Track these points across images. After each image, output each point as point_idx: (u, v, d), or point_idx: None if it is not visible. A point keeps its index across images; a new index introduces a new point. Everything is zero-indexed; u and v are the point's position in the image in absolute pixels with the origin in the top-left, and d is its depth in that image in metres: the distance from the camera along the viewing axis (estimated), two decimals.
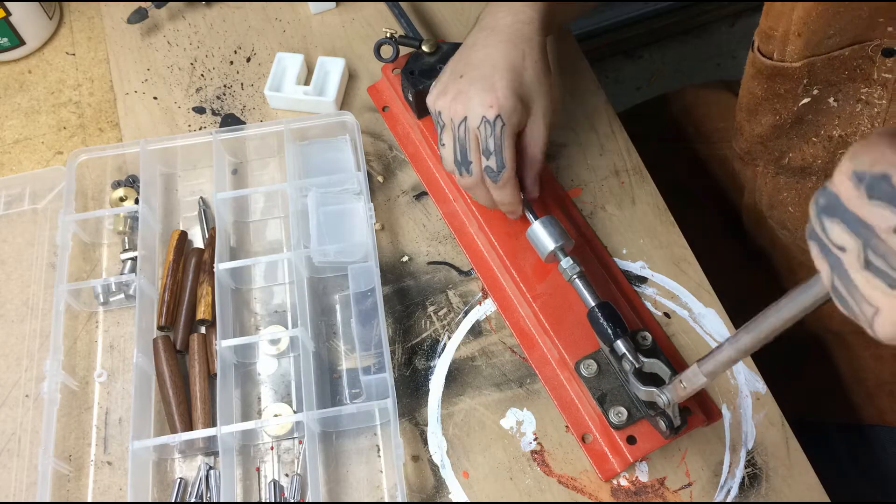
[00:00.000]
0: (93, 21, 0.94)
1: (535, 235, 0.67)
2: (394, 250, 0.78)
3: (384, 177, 0.82)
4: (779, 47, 0.66)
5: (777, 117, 0.71)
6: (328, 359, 0.73)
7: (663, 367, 0.62)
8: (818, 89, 0.67)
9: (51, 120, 0.87)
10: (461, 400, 0.70)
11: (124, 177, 0.82)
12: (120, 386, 0.72)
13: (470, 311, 0.74)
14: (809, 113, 0.69)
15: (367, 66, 0.89)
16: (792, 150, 0.73)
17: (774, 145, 0.74)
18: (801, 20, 0.62)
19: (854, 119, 0.67)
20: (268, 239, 0.80)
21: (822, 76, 0.65)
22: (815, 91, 0.67)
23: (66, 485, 0.68)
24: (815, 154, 0.71)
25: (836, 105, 0.67)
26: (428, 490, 0.66)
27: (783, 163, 0.74)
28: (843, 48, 0.63)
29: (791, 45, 0.65)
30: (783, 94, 0.69)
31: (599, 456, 0.66)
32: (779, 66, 0.67)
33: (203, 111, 0.87)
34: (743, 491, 0.66)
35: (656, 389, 0.59)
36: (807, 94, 0.67)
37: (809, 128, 0.70)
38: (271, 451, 0.69)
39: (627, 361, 0.62)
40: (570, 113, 0.85)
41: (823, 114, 0.68)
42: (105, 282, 0.74)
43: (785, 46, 0.65)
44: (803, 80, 0.66)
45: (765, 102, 0.71)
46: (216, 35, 0.92)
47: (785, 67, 0.66)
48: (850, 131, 0.67)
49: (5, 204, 0.82)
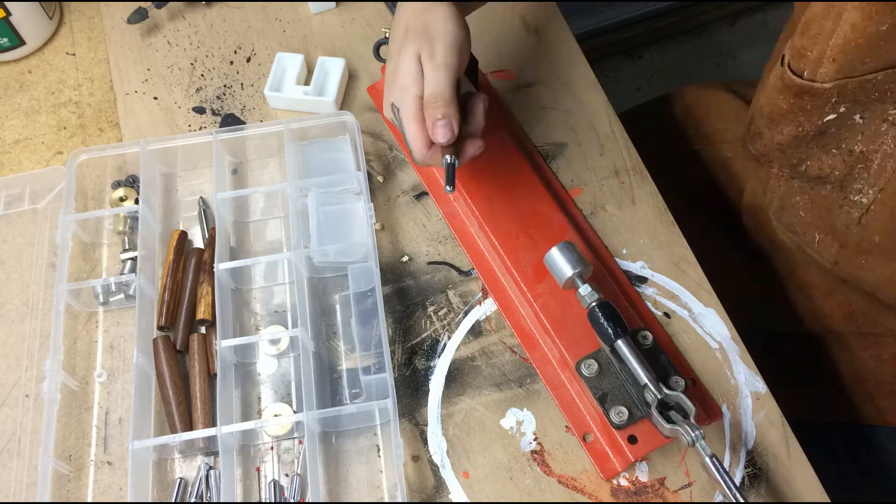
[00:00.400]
0: (93, 21, 0.94)
1: (552, 262, 0.66)
2: (394, 250, 0.78)
3: (384, 177, 0.82)
4: (811, 67, 0.65)
5: (800, 129, 0.70)
6: (328, 359, 0.73)
7: (686, 401, 0.61)
8: (845, 107, 0.66)
9: (51, 120, 0.87)
10: (461, 400, 0.70)
11: (124, 177, 0.82)
12: (120, 386, 0.72)
13: (470, 310, 0.74)
14: (833, 127, 0.68)
15: (366, 66, 0.89)
16: (810, 159, 0.72)
17: (793, 153, 0.73)
18: (839, 48, 0.61)
19: (878, 137, 0.66)
20: (268, 239, 0.80)
21: (851, 96, 0.65)
22: (841, 108, 0.66)
23: (66, 485, 0.68)
24: (832, 165, 0.70)
25: (862, 122, 0.66)
26: (428, 490, 0.66)
27: (800, 169, 0.74)
28: (876, 72, 0.62)
29: (824, 68, 0.64)
30: (809, 109, 0.68)
31: (600, 455, 0.66)
32: (808, 86, 0.66)
33: (203, 111, 0.87)
34: (743, 491, 0.66)
35: (681, 428, 0.60)
36: (833, 111, 0.66)
37: (831, 140, 0.69)
38: (271, 451, 0.69)
39: (649, 392, 0.62)
40: (570, 113, 0.85)
41: (847, 128, 0.68)
42: (105, 282, 0.74)
43: (818, 68, 0.64)
44: (832, 98, 0.66)
45: (789, 115, 0.70)
46: (216, 35, 0.92)
47: (815, 87, 0.66)
48: (872, 148, 0.67)
49: (5, 204, 0.82)
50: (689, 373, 0.70)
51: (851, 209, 0.71)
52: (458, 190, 0.77)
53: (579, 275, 0.65)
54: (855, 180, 0.69)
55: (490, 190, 0.76)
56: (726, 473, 0.59)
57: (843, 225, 0.72)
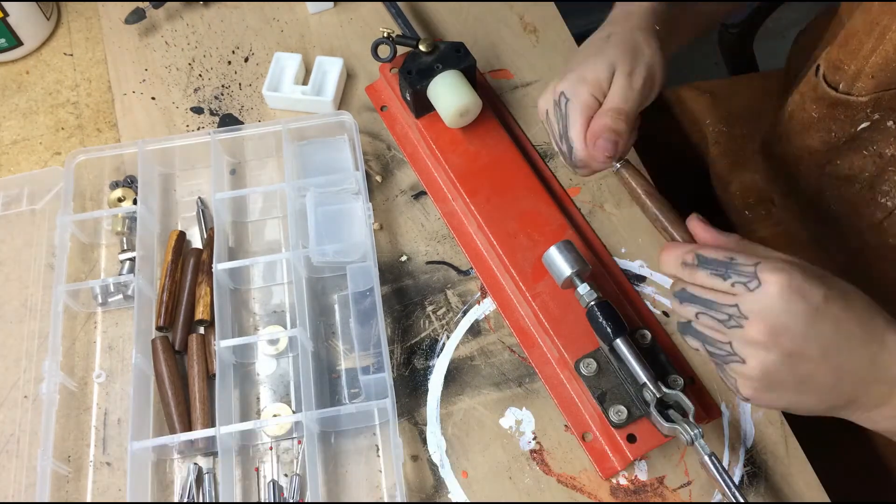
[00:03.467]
0: (90, 21, 0.94)
1: (551, 261, 0.66)
2: (392, 250, 0.78)
3: (382, 176, 0.82)
4: (847, 81, 0.64)
5: (831, 135, 0.69)
6: (327, 359, 0.73)
7: (685, 399, 0.61)
8: (879, 115, 0.65)
9: (49, 120, 0.87)
10: (460, 399, 0.70)
11: (122, 177, 0.82)
12: (119, 387, 0.72)
13: (469, 310, 0.74)
14: (865, 132, 0.67)
15: (365, 66, 0.89)
16: (840, 159, 0.71)
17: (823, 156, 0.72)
18: (879, 66, 0.60)
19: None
20: (266, 239, 0.80)
21: (887, 105, 0.64)
22: (875, 116, 0.65)
23: (65, 486, 0.68)
24: (862, 167, 0.69)
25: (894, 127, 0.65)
26: (427, 490, 0.66)
27: (827, 169, 0.73)
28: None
29: (861, 83, 0.63)
30: (842, 119, 0.67)
31: (600, 454, 0.66)
32: (844, 99, 0.65)
33: (201, 111, 0.87)
34: (742, 490, 0.66)
35: (680, 427, 0.60)
36: (867, 120, 0.65)
37: (862, 143, 0.68)
38: (270, 452, 0.69)
39: (648, 391, 0.62)
40: None
41: (880, 132, 0.67)
42: (103, 282, 0.74)
43: (855, 82, 0.63)
44: (866, 109, 0.65)
45: (819, 122, 0.69)
46: (214, 35, 0.92)
47: (851, 101, 0.64)
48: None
49: (3, 205, 0.82)
50: (688, 371, 0.70)
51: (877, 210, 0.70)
52: (456, 189, 0.77)
53: (578, 274, 0.65)
54: (884, 182, 0.68)
55: (488, 189, 0.76)
56: (725, 472, 0.59)
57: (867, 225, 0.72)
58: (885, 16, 0.58)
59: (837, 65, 0.64)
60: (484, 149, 0.78)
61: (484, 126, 0.79)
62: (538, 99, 0.66)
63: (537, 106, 0.67)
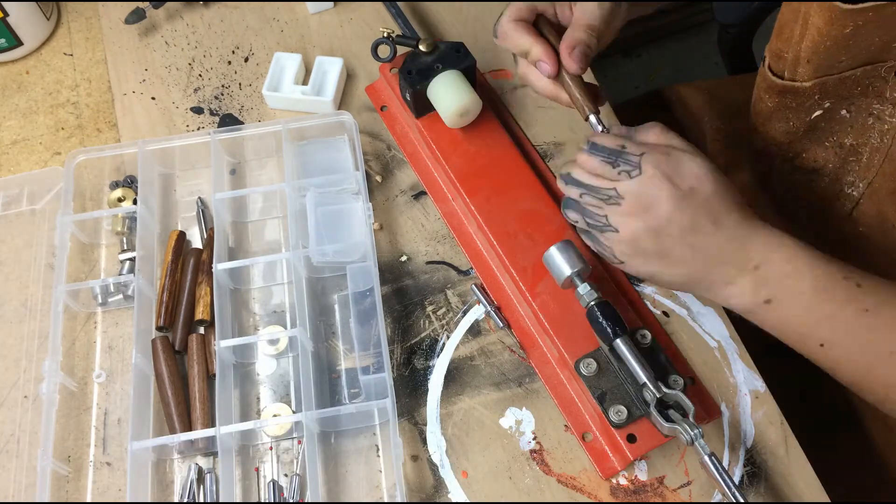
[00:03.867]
0: (90, 21, 0.94)
1: (551, 260, 0.66)
2: (392, 250, 0.78)
3: (382, 176, 0.82)
4: (789, 68, 0.66)
5: (790, 124, 0.71)
6: (327, 359, 0.73)
7: (685, 399, 0.61)
8: (830, 102, 0.67)
9: (49, 120, 0.87)
10: (460, 399, 0.70)
11: (122, 177, 0.82)
12: (119, 387, 0.72)
13: (469, 310, 0.74)
14: (822, 122, 0.69)
15: (365, 66, 0.89)
16: (805, 152, 0.73)
17: (789, 147, 0.74)
18: (811, 50, 0.62)
19: (866, 131, 0.66)
20: (266, 239, 0.80)
21: (833, 92, 0.65)
22: (826, 104, 0.67)
23: (66, 485, 0.68)
24: (826, 158, 0.71)
25: (849, 116, 0.67)
26: (427, 490, 0.66)
27: (796, 162, 0.74)
28: (854, 69, 0.62)
29: (801, 68, 0.65)
30: (795, 107, 0.69)
31: (600, 454, 0.66)
32: (789, 85, 0.67)
33: (201, 111, 0.87)
34: (742, 489, 0.66)
35: (680, 427, 0.60)
36: (819, 107, 0.67)
37: (823, 134, 0.70)
38: (270, 452, 0.69)
39: (648, 391, 0.62)
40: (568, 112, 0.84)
41: (836, 122, 0.68)
42: (103, 282, 0.74)
43: (796, 68, 0.65)
44: (815, 96, 0.66)
45: (777, 112, 0.71)
46: (214, 35, 0.92)
47: (796, 87, 0.66)
48: (861, 141, 0.67)
49: (3, 205, 0.82)
50: (688, 372, 0.70)
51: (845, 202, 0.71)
52: (456, 189, 0.77)
53: (578, 274, 0.65)
54: (848, 173, 0.70)
55: (489, 189, 0.76)
56: (725, 472, 0.59)
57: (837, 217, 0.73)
58: (803, 3, 0.61)
59: (778, 54, 0.67)
60: (484, 149, 0.78)
61: (484, 126, 0.79)
62: (502, 21, 0.68)
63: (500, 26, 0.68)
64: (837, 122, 0.68)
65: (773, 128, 0.73)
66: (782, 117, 0.71)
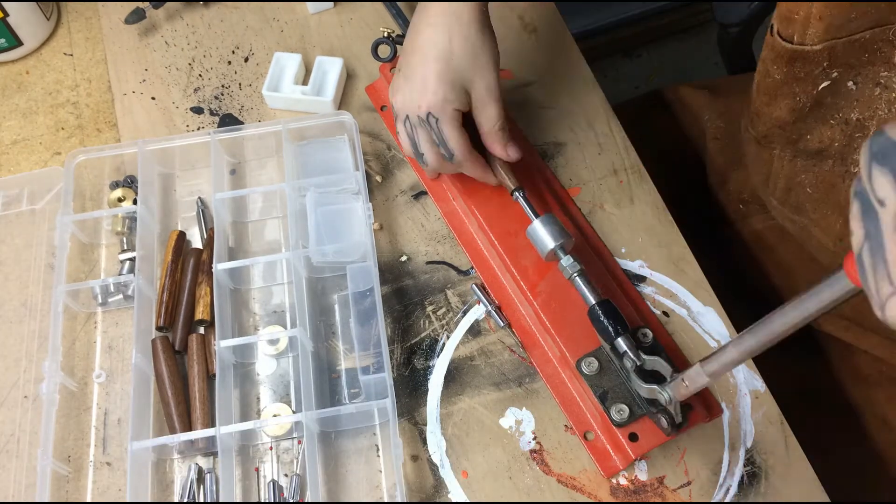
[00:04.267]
0: (90, 21, 0.94)
1: (535, 234, 0.67)
2: (392, 250, 0.78)
3: (382, 176, 0.82)
4: (799, 30, 0.65)
5: (796, 100, 0.71)
6: (327, 359, 0.73)
7: (664, 364, 0.62)
8: (837, 72, 0.66)
9: (49, 120, 0.87)
10: (460, 399, 0.70)
11: (122, 177, 0.82)
12: (119, 387, 0.72)
13: (469, 310, 0.74)
14: (828, 96, 0.69)
15: (364, 66, 0.89)
16: (810, 133, 0.72)
17: (793, 129, 0.74)
18: (823, 5, 0.62)
19: (872, 103, 0.66)
20: (266, 239, 0.80)
21: (842, 59, 0.65)
22: (834, 74, 0.66)
23: (66, 485, 0.68)
24: (832, 137, 0.70)
25: (855, 88, 0.66)
26: (427, 490, 0.66)
27: (800, 146, 0.74)
28: (864, 31, 0.62)
29: (812, 28, 0.64)
30: (803, 77, 0.68)
31: (602, 453, 0.66)
32: (799, 50, 0.66)
33: (201, 111, 0.87)
34: (742, 489, 0.66)
35: (658, 387, 0.60)
36: (826, 78, 0.67)
37: (828, 111, 0.70)
38: (270, 452, 0.69)
39: (629, 359, 0.62)
40: (569, 112, 0.85)
41: (842, 96, 0.68)
42: (103, 282, 0.74)
43: (806, 30, 0.65)
44: (823, 62, 0.66)
45: (784, 86, 0.70)
46: (214, 35, 0.92)
47: (805, 51, 0.66)
48: (867, 115, 0.67)
49: (3, 205, 0.82)
50: None
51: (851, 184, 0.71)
52: (456, 189, 0.77)
53: (561, 246, 0.66)
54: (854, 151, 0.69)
55: (489, 189, 0.76)
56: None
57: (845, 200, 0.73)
58: None
59: (787, 16, 0.66)
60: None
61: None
62: (391, 93, 0.71)
63: (397, 130, 0.72)
64: (843, 96, 0.67)
65: (779, 107, 0.72)
66: (789, 92, 0.70)
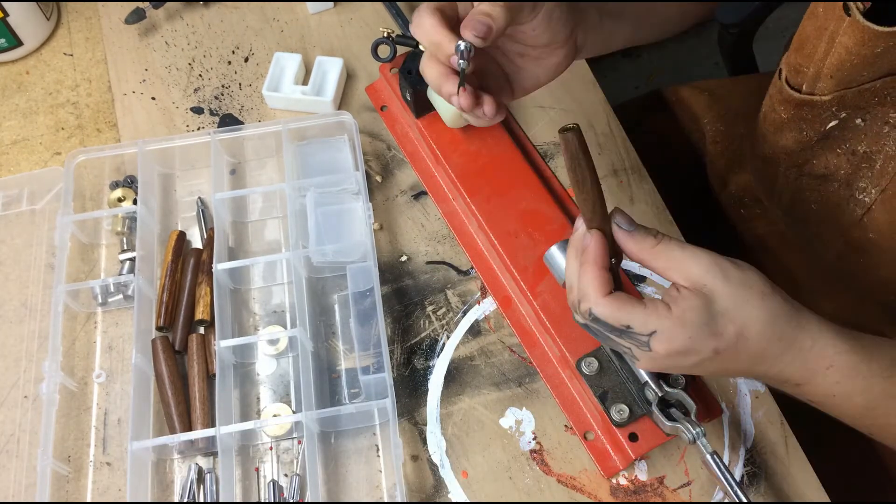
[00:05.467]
0: (90, 21, 0.94)
1: (552, 260, 0.65)
2: (392, 250, 0.78)
3: (382, 176, 0.82)
4: (808, 83, 0.65)
5: (803, 134, 0.70)
6: (327, 359, 0.73)
7: (687, 398, 0.61)
8: (846, 113, 0.66)
9: (49, 121, 0.87)
10: (460, 399, 0.70)
11: (122, 177, 0.82)
12: (119, 387, 0.72)
13: (469, 310, 0.74)
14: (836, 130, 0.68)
15: (365, 66, 0.89)
16: (816, 159, 0.72)
17: (798, 155, 0.73)
18: (835, 67, 0.61)
19: (880, 139, 0.66)
20: (266, 239, 0.80)
21: (851, 103, 0.64)
22: (842, 114, 0.66)
23: (66, 485, 0.68)
24: (838, 164, 0.70)
25: (864, 125, 0.66)
26: (427, 490, 0.66)
27: (805, 169, 0.74)
28: (874, 80, 0.61)
29: (822, 83, 0.63)
30: (810, 118, 0.68)
31: (601, 453, 0.66)
32: (807, 99, 0.66)
33: (201, 111, 0.87)
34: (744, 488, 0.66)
35: (682, 425, 0.60)
36: (834, 118, 0.66)
37: (835, 142, 0.69)
38: (270, 452, 0.69)
39: (650, 390, 0.62)
40: (568, 112, 0.85)
41: (850, 130, 0.67)
42: (103, 282, 0.74)
43: (815, 83, 0.64)
44: (832, 108, 0.65)
45: (790, 123, 0.70)
46: (214, 35, 0.92)
47: (814, 100, 0.65)
48: (875, 149, 0.66)
49: (3, 205, 0.82)
50: None
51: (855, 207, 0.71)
52: (457, 189, 0.77)
53: None
54: (860, 179, 0.69)
55: (489, 189, 0.76)
56: (727, 471, 0.59)
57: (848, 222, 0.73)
58: (830, 21, 0.59)
59: (797, 68, 0.65)
60: (484, 148, 0.78)
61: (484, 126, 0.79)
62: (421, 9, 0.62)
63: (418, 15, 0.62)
64: (851, 130, 0.67)
65: (784, 137, 0.72)
66: (795, 128, 0.70)
